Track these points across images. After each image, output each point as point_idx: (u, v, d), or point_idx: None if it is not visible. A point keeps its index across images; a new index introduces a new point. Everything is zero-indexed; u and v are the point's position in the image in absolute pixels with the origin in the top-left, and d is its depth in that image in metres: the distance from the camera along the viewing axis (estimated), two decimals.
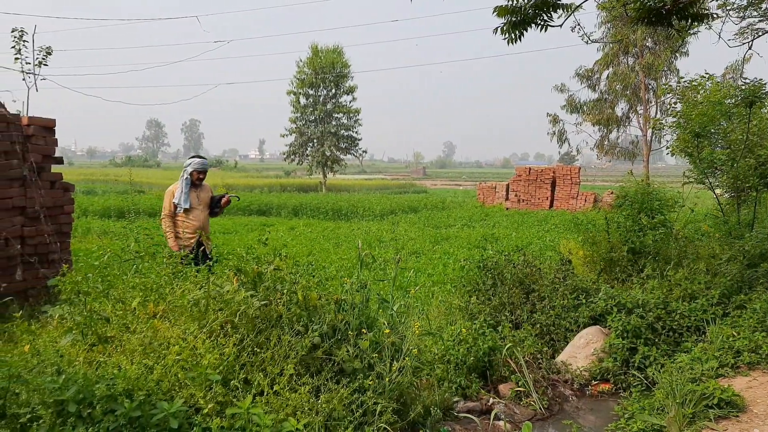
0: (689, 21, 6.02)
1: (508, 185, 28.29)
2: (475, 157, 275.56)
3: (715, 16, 6.80)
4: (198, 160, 6.68)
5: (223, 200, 6.75)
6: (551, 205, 26.12)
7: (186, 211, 6.48)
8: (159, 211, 23.96)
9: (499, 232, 16.62)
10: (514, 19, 5.75)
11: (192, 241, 6.45)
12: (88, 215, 18.94)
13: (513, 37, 5.90)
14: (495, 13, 5.79)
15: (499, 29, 5.90)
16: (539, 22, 5.82)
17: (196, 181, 6.62)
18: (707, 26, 12.29)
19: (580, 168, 27.04)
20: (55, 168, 6.49)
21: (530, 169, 27.56)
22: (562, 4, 5.82)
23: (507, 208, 26.52)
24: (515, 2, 5.65)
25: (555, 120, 30.08)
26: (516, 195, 27.12)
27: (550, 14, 5.82)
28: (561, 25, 5.90)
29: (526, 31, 5.89)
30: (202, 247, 6.45)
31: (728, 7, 11.40)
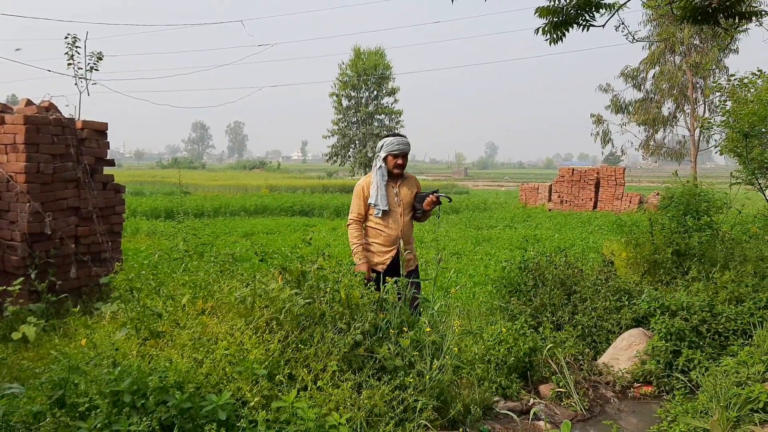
0: (737, 19, 5.90)
1: (550, 186, 27.99)
2: (517, 157, 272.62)
3: (764, 12, 6.63)
4: (394, 139, 4.82)
5: (428, 199, 4.83)
6: (595, 207, 25.74)
7: (382, 214, 4.77)
8: (205, 212, 24.17)
9: (542, 234, 16.49)
10: (555, 19, 5.73)
11: (387, 257, 4.75)
12: (136, 215, 19.49)
13: (555, 37, 5.88)
14: (537, 14, 5.78)
15: (540, 30, 5.89)
16: (581, 22, 5.79)
17: (394, 170, 4.81)
18: (758, 23, 11.99)
19: (624, 169, 26.58)
20: (107, 170, 6.74)
21: (573, 169, 27.21)
22: (605, 3, 5.78)
23: (550, 209, 26.23)
24: (557, 2, 5.63)
25: (599, 120, 29.58)
26: (559, 196, 26.81)
27: (593, 14, 5.78)
28: (603, 26, 5.85)
29: (568, 32, 5.86)
30: (409, 268, 4.79)
31: None
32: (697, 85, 27.59)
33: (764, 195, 8.36)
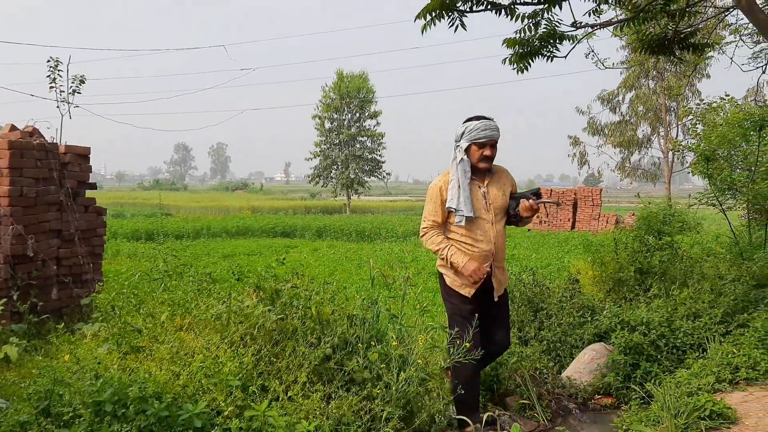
0: (690, 50, 6.26)
1: None
2: None
3: (714, 44, 7.04)
4: (479, 123, 3.80)
5: (525, 204, 3.85)
6: (573, 227, 26.17)
7: (467, 222, 3.78)
8: (186, 233, 24.26)
9: (519, 253, 16.81)
10: (521, 50, 6.05)
11: (477, 278, 3.81)
12: (117, 238, 19.53)
13: (521, 67, 6.20)
14: (504, 45, 6.10)
15: (507, 60, 6.20)
16: (545, 53, 6.11)
17: (479, 164, 3.83)
18: (721, 51, 12.50)
19: (601, 189, 27.10)
20: (89, 193, 6.92)
21: (552, 190, 27.69)
22: (568, 35, 6.12)
23: (529, 230, 26.60)
24: (523, 34, 5.94)
25: (576, 142, 30.26)
26: (538, 216, 27.20)
27: (556, 46, 6.11)
28: (566, 56, 6.17)
29: (533, 62, 6.18)
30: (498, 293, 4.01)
31: (741, 33, 11.59)
32: (671, 109, 28.35)
33: (726, 216, 8.71)
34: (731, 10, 9.78)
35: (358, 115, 47.62)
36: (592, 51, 9.11)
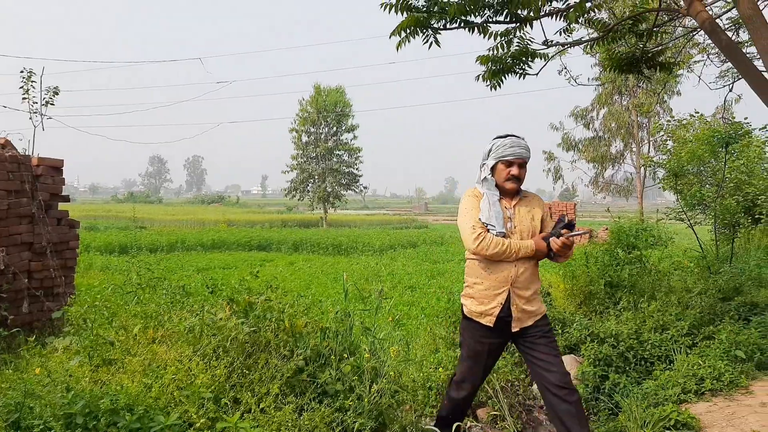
0: (657, 69, 6.45)
1: None
2: None
3: (684, 64, 7.28)
4: (506, 140, 3.60)
5: (555, 244, 3.46)
6: None
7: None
8: (160, 247, 24.03)
9: None
10: (494, 67, 6.17)
11: (494, 305, 3.51)
12: (90, 251, 19.29)
13: (494, 84, 6.32)
14: (477, 62, 6.22)
15: (480, 76, 6.33)
16: (518, 70, 6.25)
17: (506, 184, 3.59)
18: (689, 70, 12.82)
19: (576, 204, 27.48)
20: (61, 206, 6.86)
21: None
22: (540, 53, 6.27)
23: None
24: (496, 52, 6.07)
25: (551, 157, 30.66)
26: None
27: (528, 63, 6.25)
28: (537, 74, 6.32)
29: (506, 79, 6.31)
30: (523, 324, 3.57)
31: (709, 52, 11.91)
32: (643, 125, 28.91)
33: (693, 231, 8.91)
34: (698, 30, 10.07)
35: (335, 128, 47.71)
36: (565, 68, 9.28)
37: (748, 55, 6.26)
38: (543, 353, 3.55)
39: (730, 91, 11.75)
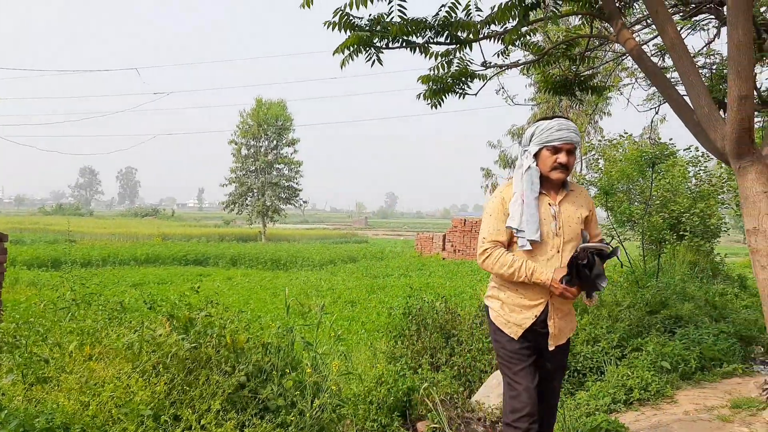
0: (589, 92, 6.75)
1: (444, 236, 29.07)
2: (416, 207, 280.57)
3: (613, 87, 7.67)
4: (553, 122, 3.06)
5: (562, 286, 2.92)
6: None
7: (530, 247, 2.98)
8: (92, 261, 23.24)
9: (434, 282, 17.14)
10: (435, 87, 6.33)
11: (528, 316, 3.02)
12: (16, 265, 18.45)
13: (435, 103, 6.48)
14: (419, 81, 6.36)
15: (422, 95, 6.47)
16: (458, 90, 6.42)
17: (552, 174, 3.04)
18: (619, 92, 13.43)
19: None
20: None
21: (465, 220, 28.47)
22: (479, 74, 6.46)
23: (443, 258, 27.19)
24: (437, 72, 6.23)
25: (488, 174, 31.37)
26: (452, 245, 27.89)
27: (468, 84, 6.44)
28: (476, 94, 6.51)
29: (446, 98, 6.47)
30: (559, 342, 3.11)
31: (637, 76, 12.50)
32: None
33: (623, 246, 9.30)
34: (627, 55, 10.58)
35: (275, 142, 47.41)
36: (503, 88, 9.62)
37: (671, 80, 6.64)
38: (552, 376, 3.18)
39: (656, 113, 12.35)
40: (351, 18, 5.25)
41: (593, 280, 2.95)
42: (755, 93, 9.88)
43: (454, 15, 5.43)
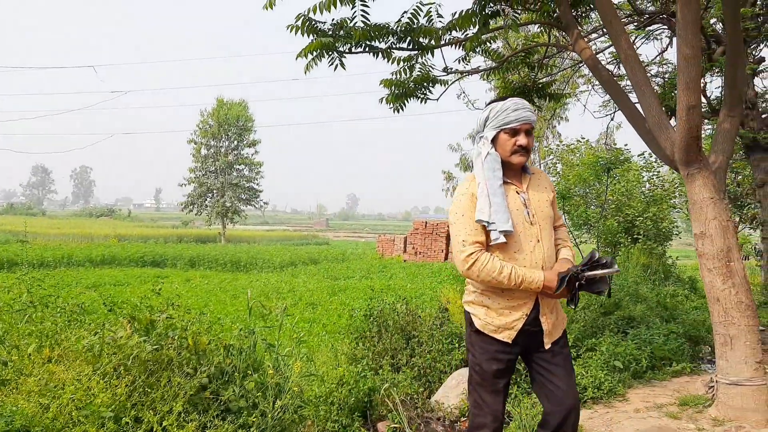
0: (547, 99, 6.93)
1: (406, 238, 29.24)
2: (378, 209, 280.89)
3: (570, 95, 7.90)
4: (507, 102, 2.85)
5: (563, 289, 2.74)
6: (446, 258, 27.21)
7: (505, 242, 2.74)
8: (45, 262, 22.70)
9: (396, 283, 17.25)
10: (397, 91, 6.41)
11: (517, 317, 2.81)
12: None
13: (397, 107, 6.56)
14: (381, 85, 6.44)
15: (384, 99, 6.55)
16: (419, 95, 6.53)
17: (512, 158, 2.84)
18: (576, 99, 13.75)
19: None
20: None
21: (426, 222, 28.69)
22: (440, 79, 6.58)
23: (405, 260, 27.34)
24: (399, 76, 6.32)
25: (449, 177, 31.69)
26: (413, 247, 28.07)
27: (429, 89, 6.55)
28: (438, 99, 6.62)
29: (408, 102, 6.57)
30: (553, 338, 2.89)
31: (593, 83, 12.84)
32: (534, 148, 30.47)
33: (578, 249, 9.54)
34: (583, 63, 10.89)
35: (236, 143, 46.96)
36: (464, 93, 9.78)
37: (625, 88, 6.87)
38: (559, 367, 2.88)
39: (612, 119, 12.72)
40: (314, 22, 5.30)
41: (592, 289, 2.80)
42: (705, 102, 10.27)
43: (416, 21, 5.53)
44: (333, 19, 5.49)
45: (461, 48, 6.07)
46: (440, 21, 5.62)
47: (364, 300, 13.49)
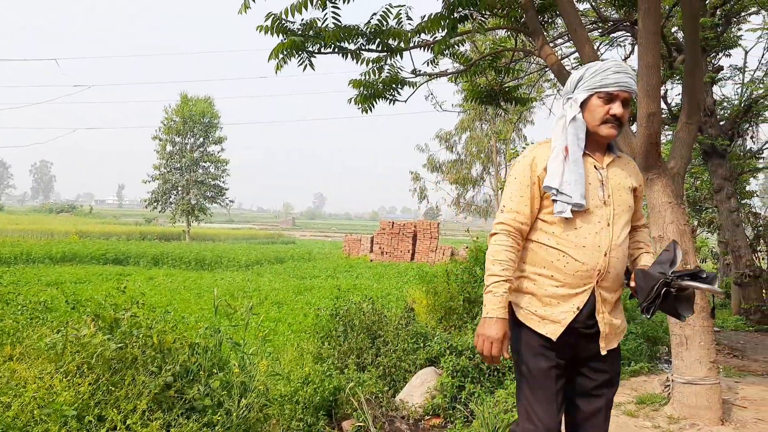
0: (513, 102, 7.05)
1: (372, 238, 29.28)
2: (345, 209, 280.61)
3: (536, 99, 8.06)
4: (605, 64, 2.41)
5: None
6: (412, 258, 27.34)
7: (570, 216, 2.31)
8: (2, 258, 22.17)
9: (362, 283, 17.26)
10: (366, 92, 6.45)
11: (567, 309, 2.33)
12: None
13: (365, 108, 6.60)
14: (350, 85, 6.47)
15: (353, 99, 6.58)
16: (388, 96, 6.57)
17: (602, 128, 2.39)
18: (542, 102, 13.95)
19: (439, 223, 28.66)
20: None
21: (393, 222, 28.79)
22: (409, 81, 6.63)
23: (371, 260, 27.38)
24: (368, 77, 6.35)
25: (417, 177, 31.87)
26: (380, 247, 28.12)
27: (398, 90, 6.60)
28: (406, 100, 6.68)
29: (377, 103, 6.61)
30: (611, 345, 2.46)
31: (558, 87, 13.05)
32: (500, 150, 30.84)
33: None
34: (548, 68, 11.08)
35: (201, 139, 46.37)
36: (432, 94, 9.89)
37: None
38: (601, 389, 2.49)
39: None
40: (283, 22, 5.31)
41: (675, 309, 2.30)
42: (666, 108, 10.53)
43: (385, 23, 5.57)
44: (302, 19, 5.51)
45: (430, 50, 6.14)
46: (409, 23, 5.68)
47: (330, 299, 13.49)
